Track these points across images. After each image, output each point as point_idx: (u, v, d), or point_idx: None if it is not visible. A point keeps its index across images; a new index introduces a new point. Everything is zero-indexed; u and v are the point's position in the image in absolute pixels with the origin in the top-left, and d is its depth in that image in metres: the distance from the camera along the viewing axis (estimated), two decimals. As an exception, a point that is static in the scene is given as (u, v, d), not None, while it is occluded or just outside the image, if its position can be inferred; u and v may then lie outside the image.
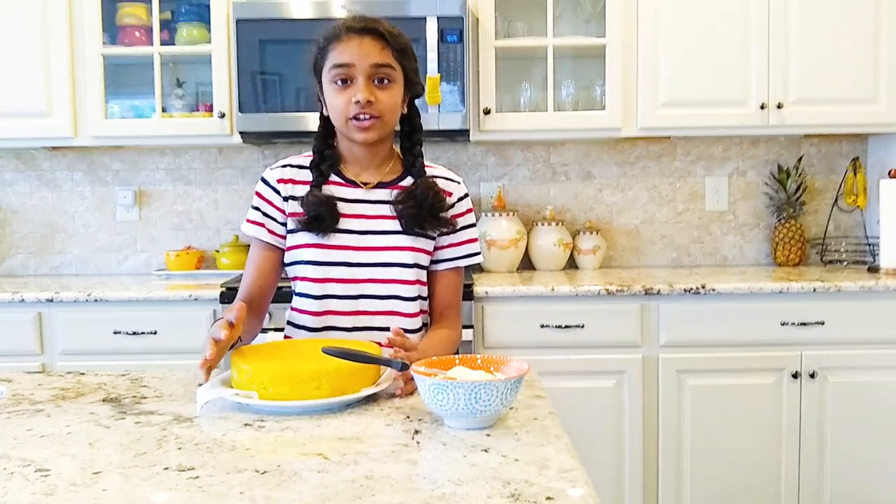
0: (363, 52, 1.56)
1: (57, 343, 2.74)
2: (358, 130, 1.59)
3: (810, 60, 2.93)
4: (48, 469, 1.04)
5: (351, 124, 1.58)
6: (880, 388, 2.70)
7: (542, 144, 3.30)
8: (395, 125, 1.66)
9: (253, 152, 3.31)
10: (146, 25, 3.03)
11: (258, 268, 1.67)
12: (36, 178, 3.34)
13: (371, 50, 1.56)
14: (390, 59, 1.58)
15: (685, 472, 2.72)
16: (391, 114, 1.61)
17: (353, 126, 1.58)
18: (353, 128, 1.59)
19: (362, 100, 1.55)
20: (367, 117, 1.57)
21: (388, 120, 1.61)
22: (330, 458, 1.06)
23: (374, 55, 1.56)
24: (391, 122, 1.63)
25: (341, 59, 1.56)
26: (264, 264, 1.67)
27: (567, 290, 2.68)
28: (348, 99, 1.57)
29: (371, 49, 1.56)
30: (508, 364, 1.29)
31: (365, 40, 1.57)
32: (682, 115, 2.95)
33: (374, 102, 1.56)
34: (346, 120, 1.58)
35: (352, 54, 1.56)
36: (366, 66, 1.56)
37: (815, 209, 3.31)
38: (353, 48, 1.56)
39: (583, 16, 3.15)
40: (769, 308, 2.70)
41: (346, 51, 1.56)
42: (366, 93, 1.55)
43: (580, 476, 0.99)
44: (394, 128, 1.67)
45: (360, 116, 1.57)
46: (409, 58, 1.62)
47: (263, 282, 1.67)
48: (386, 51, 1.58)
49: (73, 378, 1.55)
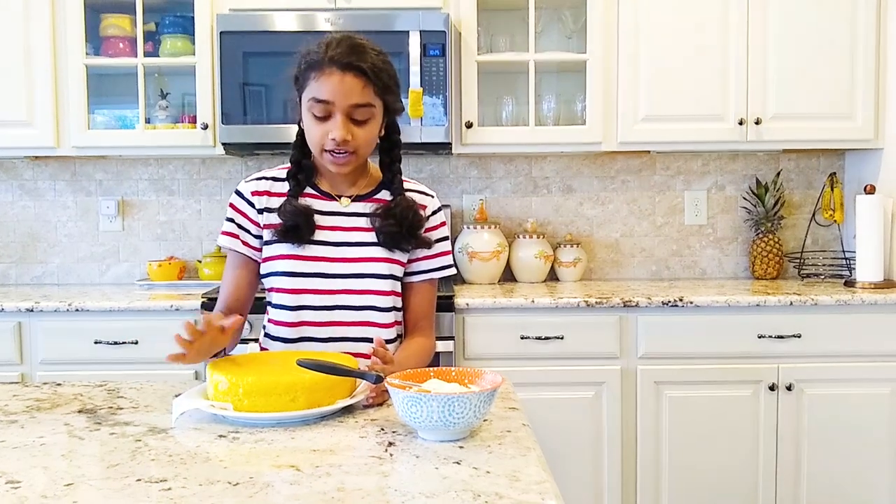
0: (344, 90, 1.53)
1: (37, 353, 2.73)
2: (332, 164, 1.59)
3: (788, 77, 2.97)
4: (19, 481, 1.04)
5: (326, 156, 1.58)
6: (856, 400, 2.73)
7: (523, 158, 3.33)
8: (370, 153, 1.66)
9: (236, 163, 3.32)
10: (130, 37, 3.04)
11: (234, 281, 1.68)
12: (18, 188, 3.33)
13: (352, 89, 1.53)
14: (371, 97, 1.56)
15: (663, 482, 2.74)
16: (366, 147, 1.61)
17: (328, 159, 1.59)
18: (327, 160, 1.59)
19: (339, 138, 1.54)
20: (343, 153, 1.57)
21: (363, 153, 1.62)
22: (303, 469, 1.07)
23: (355, 95, 1.54)
24: (365, 154, 1.63)
25: (321, 95, 1.54)
26: (240, 277, 1.68)
27: (547, 302, 2.70)
28: (325, 132, 1.56)
29: (352, 88, 1.53)
30: (482, 377, 1.31)
31: (346, 78, 1.53)
32: (661, 130, 2.99)
33: (351, 140, 1.56)
34: (321, 151, 1.59)
35: (332, 91, 1.53)
36: (345, 105, 1.54)
37: (792, 223, 3.35)
38: (335, 85, 1.53)
39: (564, 31, 3.18)
40: (747, 321, 2.73)
41: (327, 86, 1.53)
42: (343, 132, 1.54)
43: (550, 489, 1.00)
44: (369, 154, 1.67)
45: (336, 152, 1.57)
46: (391, 91, 1.60)
47: (240, 294, 1.69)
48: (367, 89, 1.55)
49: (50, 388, 1.55)
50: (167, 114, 3.12)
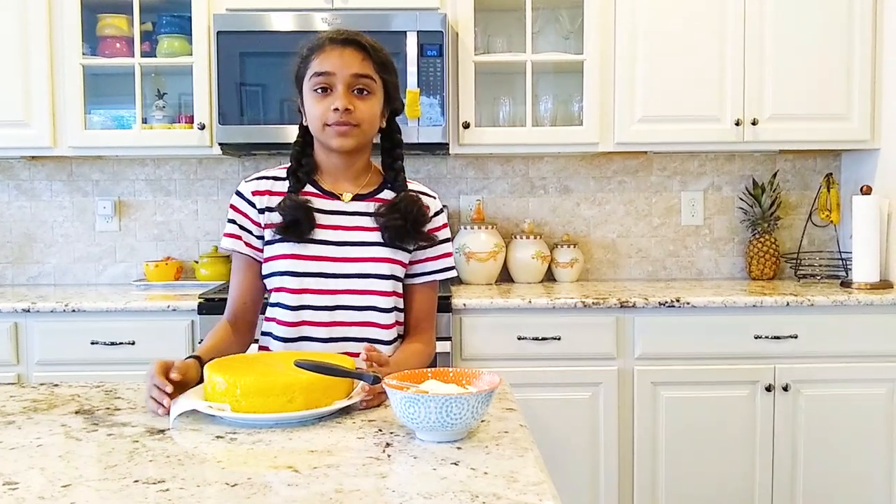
0: (344, 61, 1.59)
1: (33, 353, 2.73)
2: (335, 136, 1.60)
3: (785, 77, 2.98)
4: (16, 483, 1.04)
5: (328, 130, 1.60)
6: (853, 401, 2.74)
7: (520, 158, 3.33)
8: (372, 136, 1.68)
9: (233, 163, 3.32)
10: (127, 36, 3.04)
11: (240, 283, 1.69)
12: (14, 188, 3.33)
13: (352, 60, 1.59)
14: (370, 70, 1.61)
15: (660, 483, 2.74)
16: (369, 123, 1.63)
17: (331, 132, 1.60)
18: (330, 133, 1.60)
19: (341, 107, 1.57)
20: (346, 124, 1.59)
21: (366, 129, 1.63)
22: (300, 471, 1.07)
23: (355, 65, 1.59)
24: (369, 131, 1.64)
25: (322, 68, 1.59)
26: (246, 279, 1.69)
27: (544, 303, 2.71)
28: (327, 106, 1.59)
29: (352, 59, 1.59)
30: (480, 377, 1.31)
31: (346, 51, 1.60)
32: (658, 131, 2.99)
33: (353, 111, 1.59)
34: (323, 126, 1.60)
35: (332, 63, 1.59)
36: (346, 75, 1.59)
37: (789, 224, 3.36)
38: (335, 58, 1.59)
39: (561, 32, 3.19)
40: (743, 321, 2.73)
41: (328, 60, 1.59)
42: (344, 100, 1.58)
43: (548, 489, 1.00)
44: (371, 139, 1.68)
45: (338, 124, 1.59)
46: (389, 72, 1.65)
47: (247, 297, 1.69)
48: (367, 62, 1.60)
49: (47, 389, 1.55)
50: (164, 114, 3.12)
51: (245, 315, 1.69)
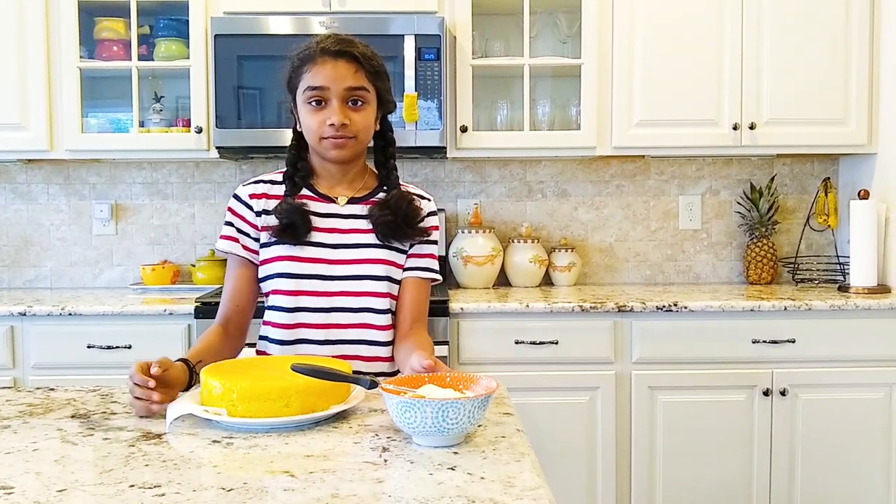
0: (337, 75, 1.59)
1: (29, 357, 2.72)
2: (332, 148, 1.62)
3: (782, 82, 2.98)
4: (12, 487, 1.03)
5: (325, 143, 1.62)
6: (850, 405, 2.74)
7: (518, 162, 3.33)
8: (367, 143, 1.69)
9: (230, 167, 3.32)
10: (124, 40, 3.03)
11: (235, 286, 1.69)
12: (11, 191, 3.32)
13: (345, 73, 1.59)
14: (364, 81, 1.61)
15: (658, 487, 2.74)
16: (364, 133, 1.65)
17: (328, 144, 1.61)
18: (327, 146, 1.62)
19: (337, 123, 1.58)
20: (342, 137, 1.60)
21: (362, 139, 1.65)
22: (297, 475, 1.07)
23: (349, 78, 1.59)
24: (365, 140, 1.66)
25: (315, 82, 1.59)
26: (241, 282, 1.69)
27: (541, 307, 2.70)
28: (322, 120, 1.60)
29: (345, 72, 1.59)
30: (477, 382, 1.30)
31: (339, 63, 1.59)
32: (655, 135, 2.99)
33: (349, 124, 1.60)
34: (319, 139, 1.62)
35: (326, 77, 1.59)
36: (340, 89, 1.59)
37: (787, 228, 3.36)
38: (328, 71, 1.59)
39: (559, 36, 3.19)
40: (741, 326, 2.73)
41: (321, 74, 1.59)
42: (340, 116, 1.59)
43: (544, 494, 1.00)
44: (367, 146, 1.70)
45: (335, 137, 1.60)
46: (382, 79, 1.65)
47: (241, 300, 1.69)
48: (360, 73, 1.61)
49: (43, 393, 1.54)
50: (161, 117, 3.11)
51: (237, 318, 1.69)
